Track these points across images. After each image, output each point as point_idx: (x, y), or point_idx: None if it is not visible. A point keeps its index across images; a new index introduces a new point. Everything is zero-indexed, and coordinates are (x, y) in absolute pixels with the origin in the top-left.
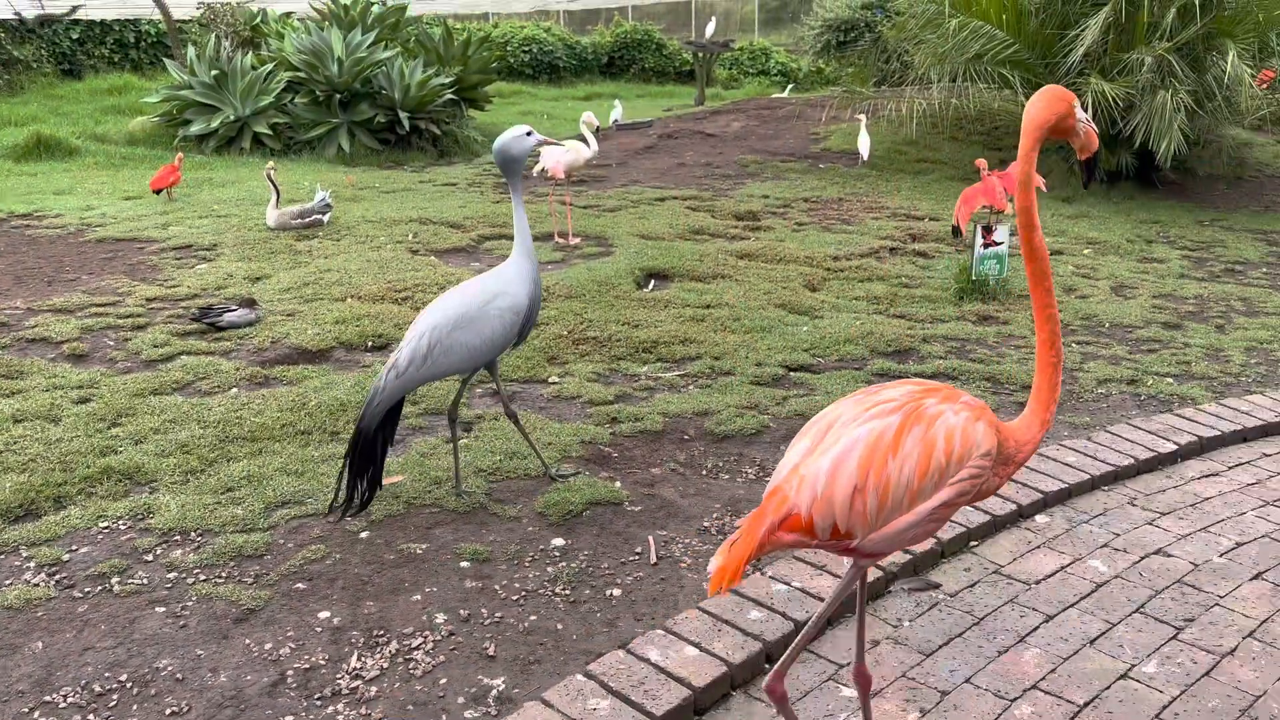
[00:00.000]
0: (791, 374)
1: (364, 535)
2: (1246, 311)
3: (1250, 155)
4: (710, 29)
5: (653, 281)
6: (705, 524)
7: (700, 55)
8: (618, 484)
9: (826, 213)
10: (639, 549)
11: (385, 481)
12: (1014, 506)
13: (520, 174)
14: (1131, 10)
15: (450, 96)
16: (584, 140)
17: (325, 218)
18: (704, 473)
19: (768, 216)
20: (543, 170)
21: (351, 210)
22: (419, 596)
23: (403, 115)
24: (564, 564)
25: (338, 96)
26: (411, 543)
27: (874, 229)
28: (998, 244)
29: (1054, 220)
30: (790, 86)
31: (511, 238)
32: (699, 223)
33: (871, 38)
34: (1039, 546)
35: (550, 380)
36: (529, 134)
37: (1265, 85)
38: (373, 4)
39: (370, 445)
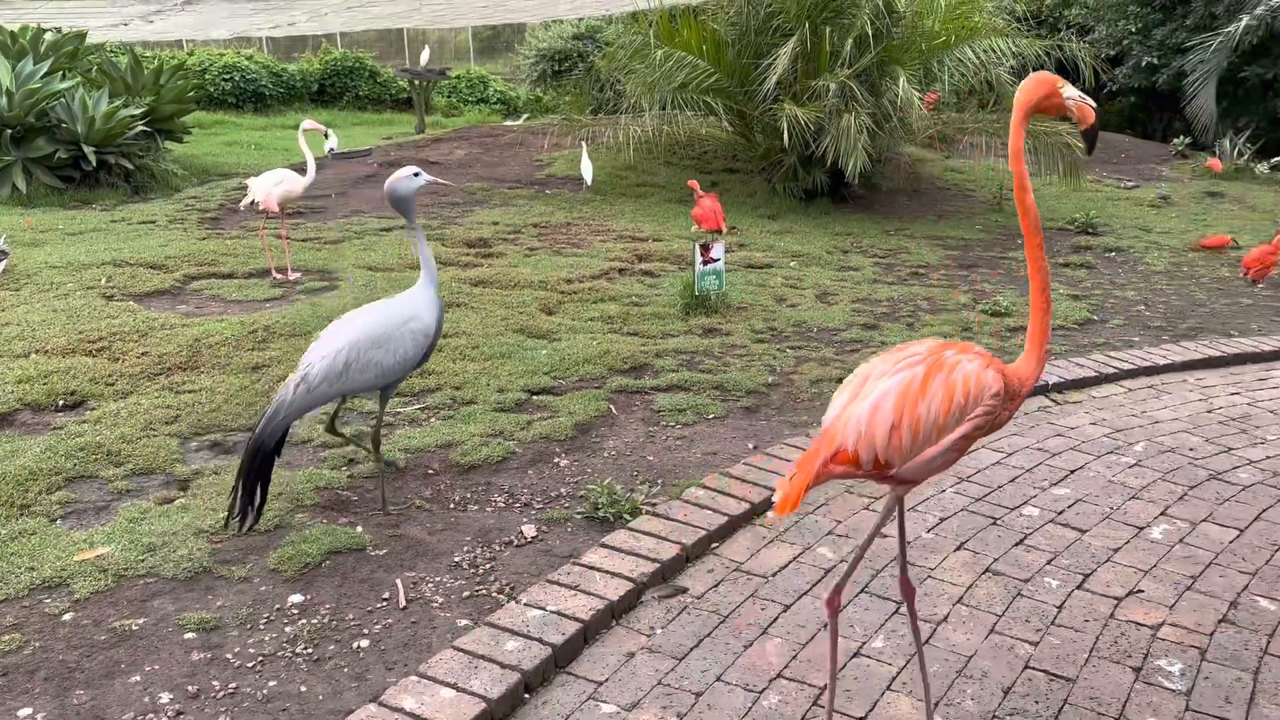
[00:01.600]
0: (534, 398)
1: (68, 617)
2: (931, 310)
3: (924, 170)
4: (425, 57)
5: None
6: (456, 559)
7: (416, 83)
8: (359, 528)
9: (556, 237)
10: (387, 594)
11: (86, 555)
12: (747, 505)
13: (414, 210)
14: (815, 41)
15: (143, 128)
16: (299, 170)
17: (0, 266)
18: (451, 506)
19: (499, 243)
20: (253, 203)
21: (32, 256)
22: (138, 677)
23: (88, 150)
24: (304, 621)
25: (9, 132)
26: (126, 619)
27: (603, 251)
28: (715, 260)
29: (762, 236)
30: (525, 116)
31: (223, 276)
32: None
33: (585, 67)
34: (773, 541)
35: None
36: (416, 174)
37: (931, 107)
38: (45, 31)
39: (268, 460)
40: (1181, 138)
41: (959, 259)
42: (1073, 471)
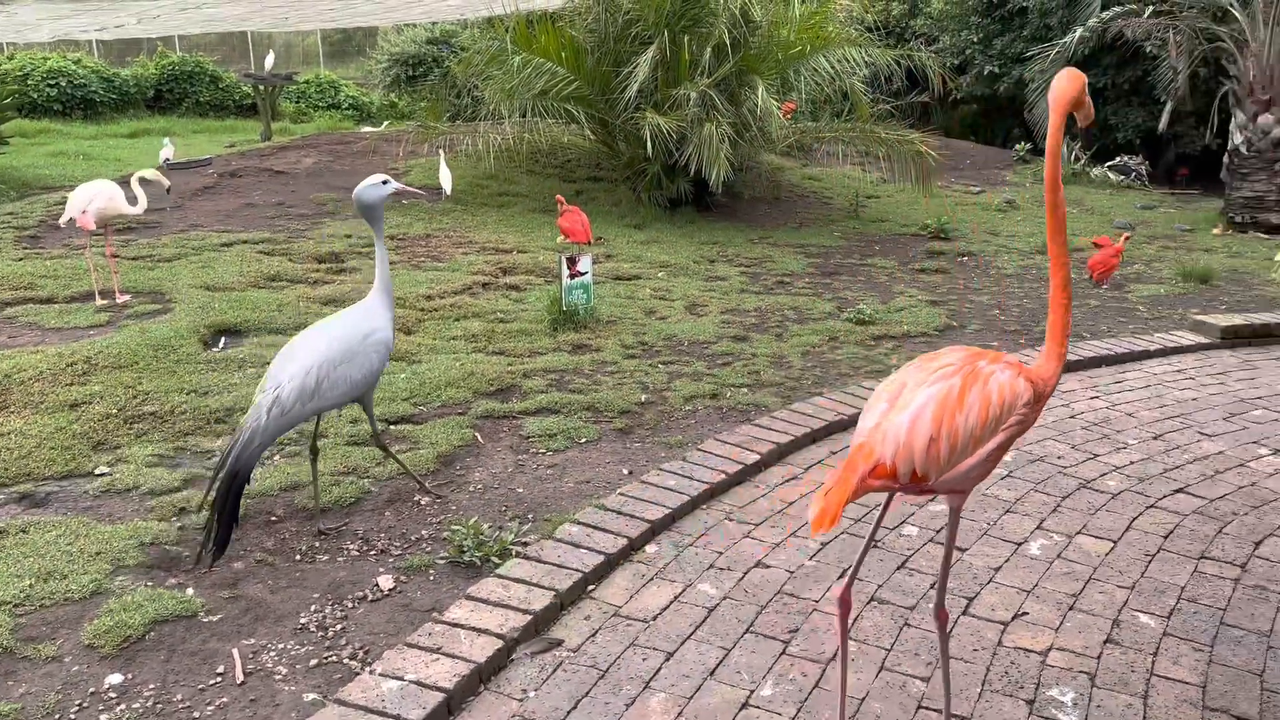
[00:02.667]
0: (392, 428)
1: None
2: (798, 319)
3: (784, 178)
4: (269, 61)
5: (224, 339)
6: (303, 620)
7: (262, 89)
8: (190, 590)
9: (415, 250)
10: (222, 668)
11: None
12: (625, 541)
13: (381, 219)
14: (674, 49)
15: None
16: (136, 192)
17: None
18: (298, 558)
19: (352, 257)
20: (70, 220)
21: None
22: None
23: None
24: (124, 706)
25: None
26: None
27: (465, 265)
28: (583, 274)
29: (629, 246)
30: (386, 123)
31: (41, 300)
32: (274, 268)
33: (441, 72)
34: (652, 579)
35: (97, 472)
36: (385, 182)
37: (789, 116)
38: None
39: (241, 488)
40: (1023, 144)
41: (821, 266)
42: None
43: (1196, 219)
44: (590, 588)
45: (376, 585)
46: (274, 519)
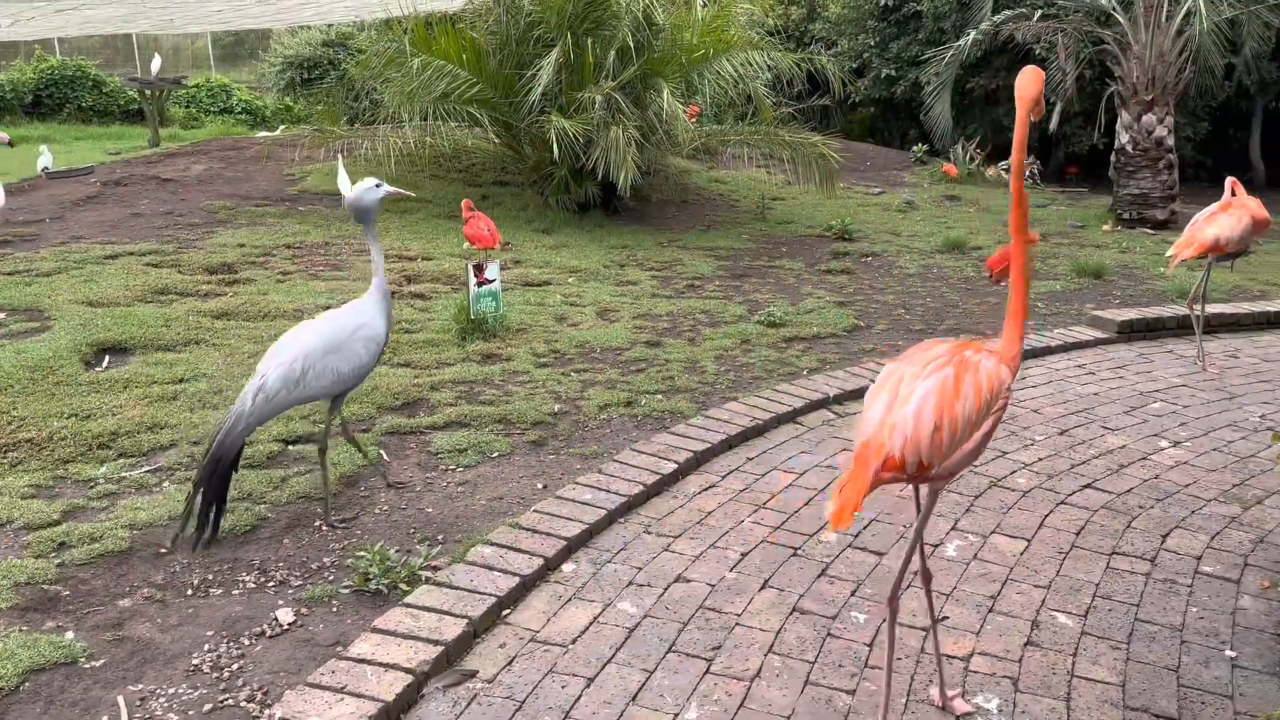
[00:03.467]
0: (290, 448)
1: None
2: (710, 323)
3: (690, 181)
4: (156, 65)
5: (107, 358)
6: (195, 661)
7: (148, 93)
8: (70, 634)
9: (313, 259)
10: (106, 718)
11: None
12: (541, 561)
13: (374, 221)
14: (578, 52)
15: None
16: None
17: None
18: (190, 592)
19: (247, 267)
20: None
21: None
22: None
23: None
24: None
25: None
26: None
27: (367, 273)
28: (491, 281)
29: (538, 251)
30: (282, 127)
31: None
32: (163, 281)
33: (337, 75)
34: (570, 600)
35: None
36: (378, 185)
37: (693, 119)
38: None
39: (227, 473)
40: (920, 145)
41: (730, 269)
42: None
43: (1087, 216)
44: (505, 612)
45: (275, 619)
46: (163, 551)
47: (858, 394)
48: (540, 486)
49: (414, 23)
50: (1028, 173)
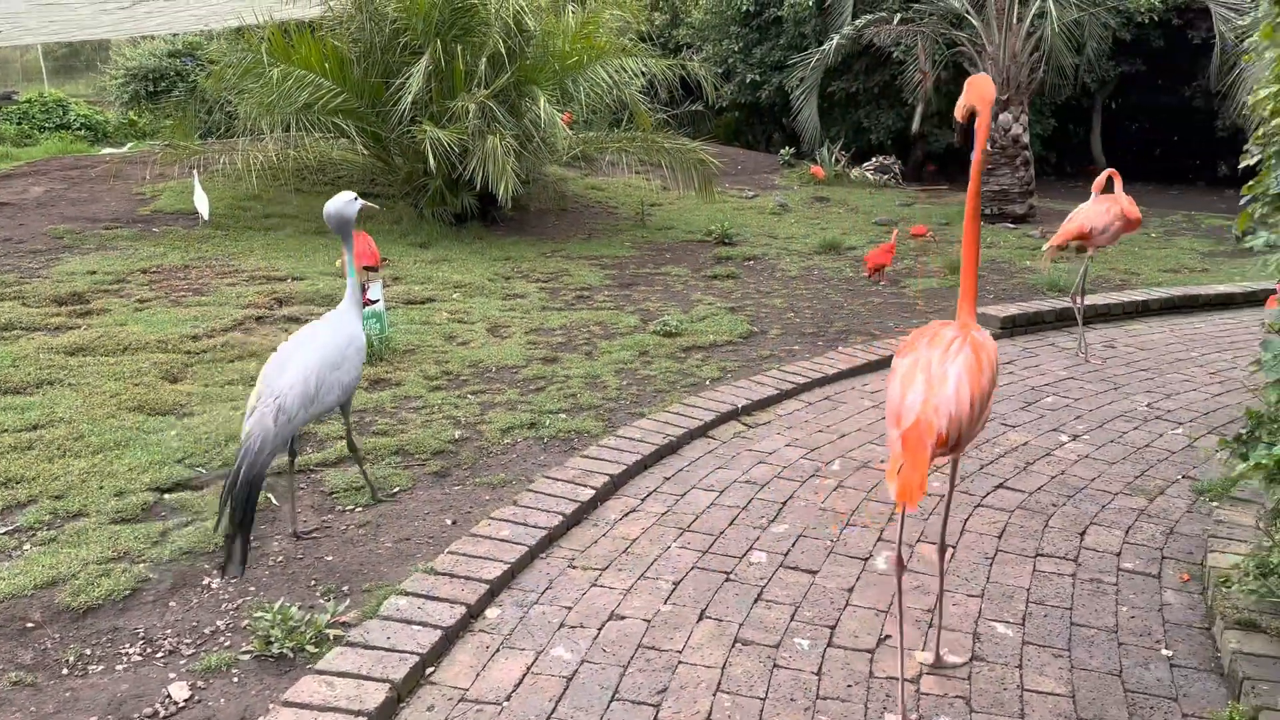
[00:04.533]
0: (167, 497)
1: None
2: (605, 335)
3: (568, 189)
4: None
5: None
6: None
7: None
8: None
9: (173, 284)
10: None
11: None
12: (463, 609)
13: (351, 233)
14: (448, 60)
15: None
16: None
17: None
18: (65, 672)
19: (100, 296)
20: None
21: None
22: None
23: None
24: None
25: None
26: None
27: (234, 297)
28: (374, 303)
29: (418, 267)
30: (130, 144)
31: None
32: (5, 316)
33: (187, 87)
34: (499, 650)
35: None
36: (355, 199)
37: (563, 127)
38: None
39: (255, 497)
40: (787, 148)
41: (618, 278)
42: (784, 503)
43: (950, 213)
44: (430, 670)
45: (169, 696)
46: (29, 625)
47: (766, 403)
48: (450, 523)
49: (270, 31)
50: (891, 174)
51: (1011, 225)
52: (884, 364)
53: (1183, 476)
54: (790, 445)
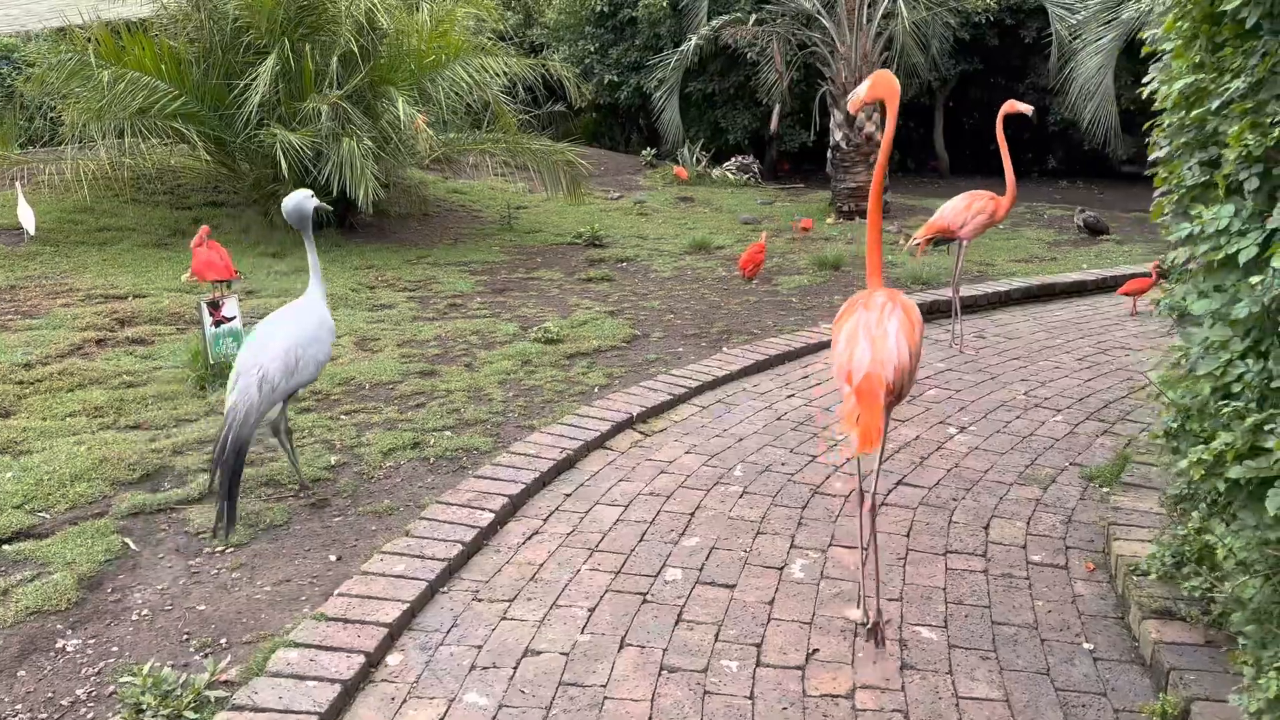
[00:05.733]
0: (7, 548)
1: None
2: (484, 344)
3: (430, 192)
4: None
5: None
6: None
7: None
8: None
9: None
10: None
11: None
12: (361, 658)
13: (309, 225)
14: (296, 60)
15: None
16: None
17: None
18: None
19: None
20: None
21: None
22: None
23: None
24: None
25: None
26: None
27: (69, 319)
28: (230, 319)
29: (271, 279)
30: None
31: None
32: None
33: (3, 92)
34: (406, 701)
35: None
36: (311, 196)
37: (418, 129)
38: None
39: (242, 460)
40: (649, 149)
41: (489, 284)
42: (692, 514)
43: (810, 210)
44: None
45: None
46: None
47: (660, 410)
48: (335, 559)
49: (98, 32)
50: (751, 174)
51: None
52: (769, 364)
53: (1070, 464)
54: (690, 453)
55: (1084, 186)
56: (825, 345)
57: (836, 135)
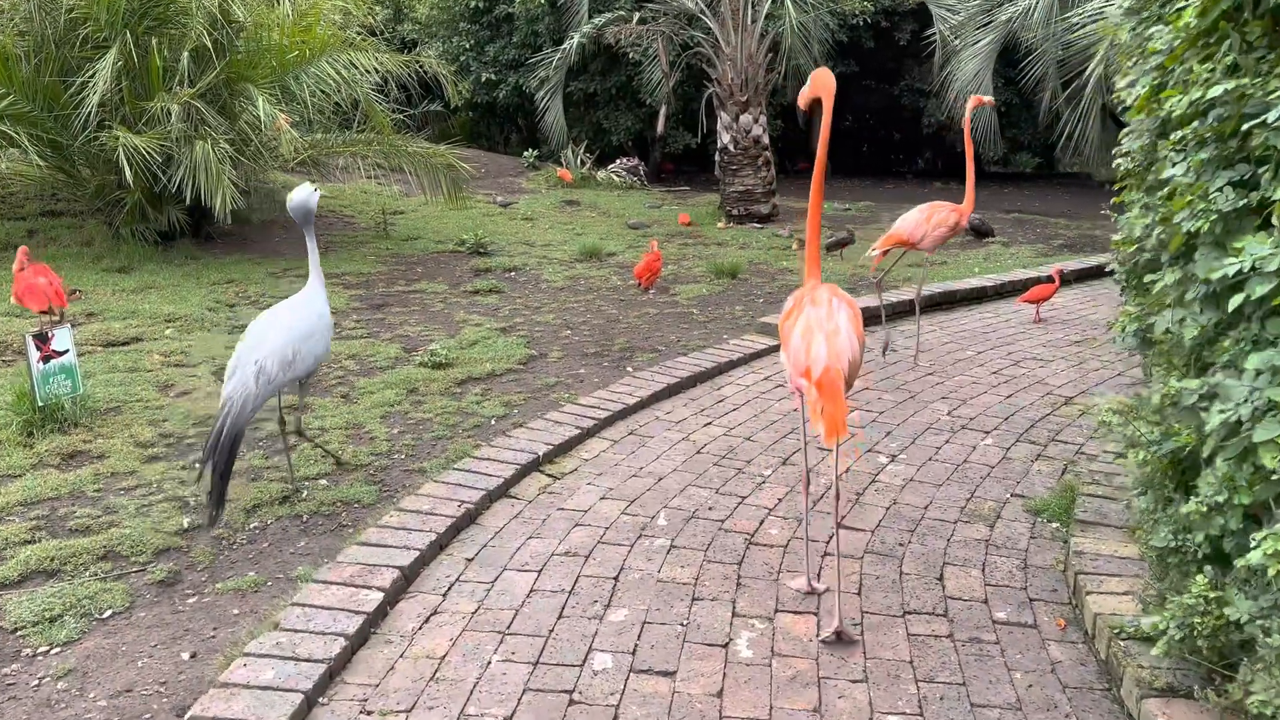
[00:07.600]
0: None
1: None
2: (362, 371)
3: None
4: None
5: None
6: None
7: None
8: None
9: None
10: None
11: None
12: None
13: (312, 221)
14: (142, 54)
15: None
16: None
17: None
18: None
19: None
20: None
21: None
22: None
23: None
24: None
25: None
26: None
27: None
28: (61, 354)
29: (118, 298)
30: None
31: None
32: None
33: None
34: None
35: None
36: (315, 190)
37: (279, 130)
38: None
39: (236, 449)
40: (531, 150)
41: (366, 298)
42: (616, 578)
43: (699, 214)
44: None
45: None
46: None
47: (567, 446)
48: (188, 657)
49: None
50: (637, 176)
51: (758, 225)
52: (681, 388)
53: (1011, 495)
54: (606, 498)
55: (958, 187)
56: (736, 363)
57: (724, 137)
